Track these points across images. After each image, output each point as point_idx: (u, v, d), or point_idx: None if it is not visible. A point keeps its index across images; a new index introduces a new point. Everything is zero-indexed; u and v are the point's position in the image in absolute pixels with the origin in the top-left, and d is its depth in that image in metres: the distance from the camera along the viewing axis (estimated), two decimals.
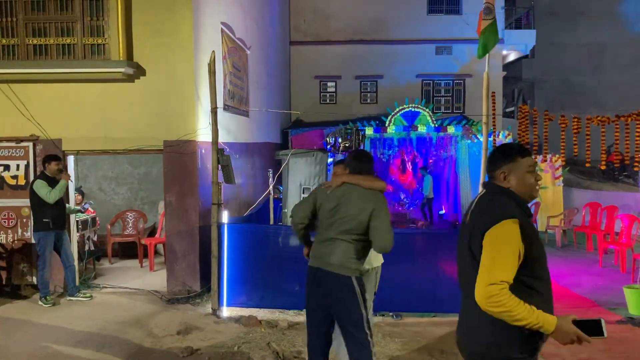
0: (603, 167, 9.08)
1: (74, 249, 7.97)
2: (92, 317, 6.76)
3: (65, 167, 7.75)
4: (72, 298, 7.48)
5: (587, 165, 8.41)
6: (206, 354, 5.46)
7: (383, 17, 18.60)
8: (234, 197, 9.25)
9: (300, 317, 6.46)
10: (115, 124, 7.72)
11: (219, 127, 7.02)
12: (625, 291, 7.00)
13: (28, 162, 7.85)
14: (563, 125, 7.88)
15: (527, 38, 19.60)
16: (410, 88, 18.45)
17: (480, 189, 2.96)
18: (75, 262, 7.79)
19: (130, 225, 10.30)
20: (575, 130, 7.99)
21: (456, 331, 2.85)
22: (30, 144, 7.83)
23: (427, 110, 15.09)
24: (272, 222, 8.89)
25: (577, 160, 14.67)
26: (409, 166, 15.59)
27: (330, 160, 10.14)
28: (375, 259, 4.46)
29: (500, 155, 2.75)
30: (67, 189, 7.64)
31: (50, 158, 7.33)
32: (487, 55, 7.08)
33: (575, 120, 7.91)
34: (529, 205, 2.76)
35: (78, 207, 8.38)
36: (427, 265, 6.72)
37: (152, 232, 10.62)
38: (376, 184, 3.97)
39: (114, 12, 7.40)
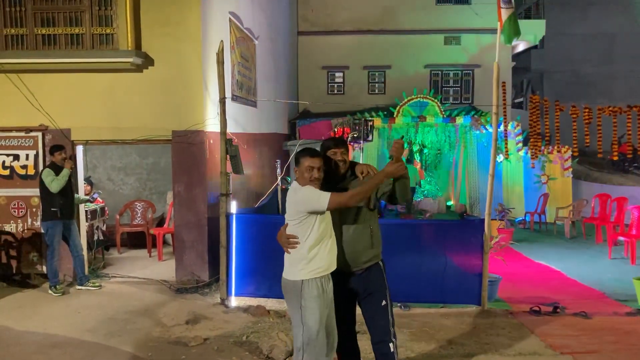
0: (615, 158, 9.01)
1: (83, 239, 8.01)
2: (101, 306, 6.81)
3: (71, 156, 7.72)
4: (81, 287, 7.53)
5: (600, 156, 8.34)
6: (215, 344, 5.48)
7: (391, 6, 18.48)
8: (242, 188, 9.25)
9: None
10: (123, 114, 7.73)
11: (227, 117, 7.01)
12: (635, 283, 6.96)
13: (37, 152, 7.88)
14: (574, 116, 7.81)
15: (536, 28, 19.39)
16: (419, 78, 18.37)
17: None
18: (84, 252, 7.84)
19: (139, 215, 10.34)
20: (586, 121, 7.91)
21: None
22: (40, 134, 7.86)
23: (436, 100, 15.02)
24: (280, 212, 8.90)
25: (586, 151, 14.56)
26: (417, 157, 15.55)
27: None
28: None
29: None
30: (75, 178, 7.69)
31: (54, 149, 7.36)
32: (497, 45, 7.00)
33: (587, 110, 7.83)
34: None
35: (87, 197, 8.41)
36: (435, 256, 6.70)
37: (160, 222, 10.66)
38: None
39: (122, 1, 7.38)
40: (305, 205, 3.66)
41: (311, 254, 3.70)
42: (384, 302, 3.93)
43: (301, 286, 3.71)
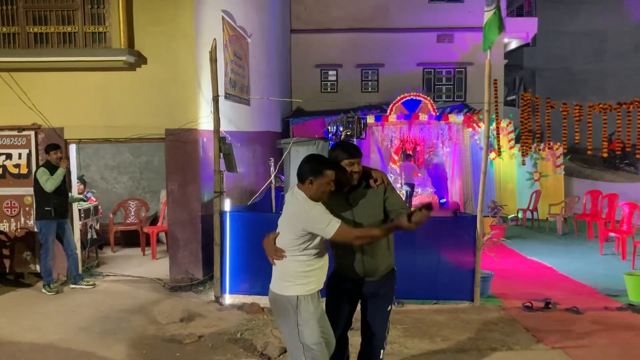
0: (605, 155, 9.10)
1: (77, 238, 8.00)
2: (95, 304, 6.80)
3: (67, 156, 7.74)
4: (75, 286, 7.52)
5: (589, 152, 8.42)
6: (209, 341, 5.50)
7: (384, 4, 18.51)
8: (235, 186, 9.26)
9: None
10: (117, 113, 7.73)
11: (220, 115, 7.01)
12: (625, 278, 7.04)
13: (30, 151, 7.86)
14: (565, 113, 7.89)
15: (528, 26, 19.52)
16: (412, 76, 18.41)
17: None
18: (78, 251, 7.83)
19: (132, 213, 10.34)
20: (577, 118, 7.99)
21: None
22: (32, 133, 7.84)
23: (429, 98, 15.07)
24: (274, 210, 8.92)
25: (578, 148, 14.66)
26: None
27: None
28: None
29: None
30: (69, 177, 7.67)
31: (50, 148, 7.35)
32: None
33: (577, 107, 7.91)
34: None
35: (81, 196, 8.41)
36: (428, 253, 6.74)
37: (154, 221, 10.65)
38: None
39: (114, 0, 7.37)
40: (309, 226, 3.36)
41: (309, 269, 3.45)
42: (389, 308, 3.83)
43: (297, 302, 3.43)
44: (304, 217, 3.38)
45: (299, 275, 3.45)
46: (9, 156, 7.88)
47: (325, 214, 3.37)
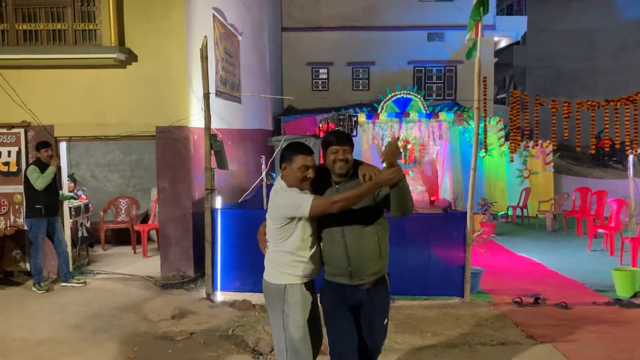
0: (592, 152, 9.18)
1: (67, 236, 7.97)
2: (87, 302, 6.79)
3: (58, 154, 7.72)
4: (65, 284, 7.50)
5: (577, 149, 8.50)
6: (201, 338, 5.51)
7: (375, 3, 18.57)
8: (226, 184, 9.26)
9: None
10: (107, 110, 7.70)
11: (211, 113, 7.01)
12: (613, 273, 7.11)
13: (20, 149, 7.82)
14: (554, 110, 7.95)
15: (518, 24, 19.65)
16: (402, 75, 18.48)
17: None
18: (69, 249, 7.80)
19: (123, 211, 10.31)
20: (565, 115, 8.06)
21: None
22: (22, 130, 7.80)
23: (419, 96, 15.13)
24: (265, 208, 8.93)
25: (567, 146, 14.77)
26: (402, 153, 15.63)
27: None
28: None
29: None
30: (59, 175, 7.65)
31: (40, 145, 7.32)
32: (478, 41, 7.04)
33: (566, 105, 7.98)
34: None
35: (71, 194, 8.38)
36: (418, 249, 6.78)
37: (144, 219, 10.63)
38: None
39: None
40: (285, 211, 3.37)
41: (296, 259, 3.44)
42: (385, 321, 3.64)
43: (284, 291, 3.45)
44: (280, 203, 3.41)
45: (286, 264, 3.47)
46: None
47: (297, 195, 3.37)
